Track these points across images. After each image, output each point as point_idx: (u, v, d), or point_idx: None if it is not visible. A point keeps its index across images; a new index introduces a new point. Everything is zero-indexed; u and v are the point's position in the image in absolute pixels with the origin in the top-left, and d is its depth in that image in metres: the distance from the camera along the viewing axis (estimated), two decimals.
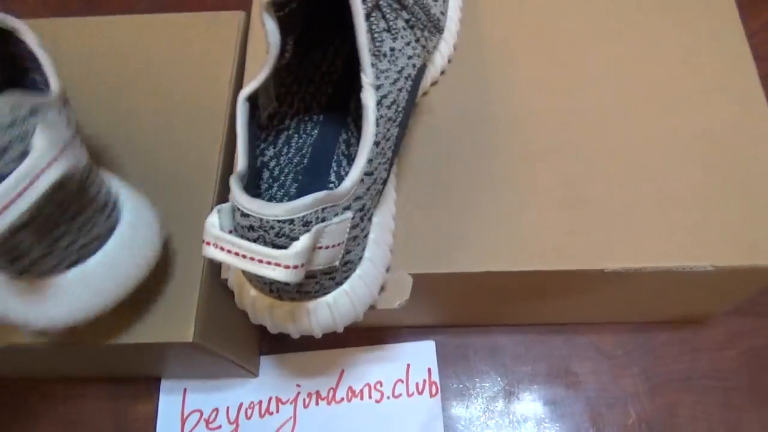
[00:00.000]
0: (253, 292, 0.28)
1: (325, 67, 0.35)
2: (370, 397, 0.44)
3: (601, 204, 0.35)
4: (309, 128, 0.34)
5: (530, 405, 0.43)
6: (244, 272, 0.29)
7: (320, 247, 0.24)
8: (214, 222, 0.23)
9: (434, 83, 0.39)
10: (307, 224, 0.23)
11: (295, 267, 0.22)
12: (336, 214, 0.25)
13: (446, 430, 0.43)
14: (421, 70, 0.32)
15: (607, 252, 0.34)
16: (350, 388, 0.45)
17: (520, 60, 0.40)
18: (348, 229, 0.26)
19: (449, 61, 0.39)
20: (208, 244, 0.22)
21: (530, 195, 0.36)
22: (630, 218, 0.35)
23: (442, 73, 0.39)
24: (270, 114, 0.32)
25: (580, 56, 0.40)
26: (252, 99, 0.28)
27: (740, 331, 0.44)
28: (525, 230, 0.35)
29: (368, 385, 0.45)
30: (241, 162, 0.26)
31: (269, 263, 0.22)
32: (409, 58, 0.29)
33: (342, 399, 0.44)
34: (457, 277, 0.34)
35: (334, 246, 0.25)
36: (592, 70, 0.39)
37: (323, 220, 0.24)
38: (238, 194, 0.23)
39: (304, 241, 0.22)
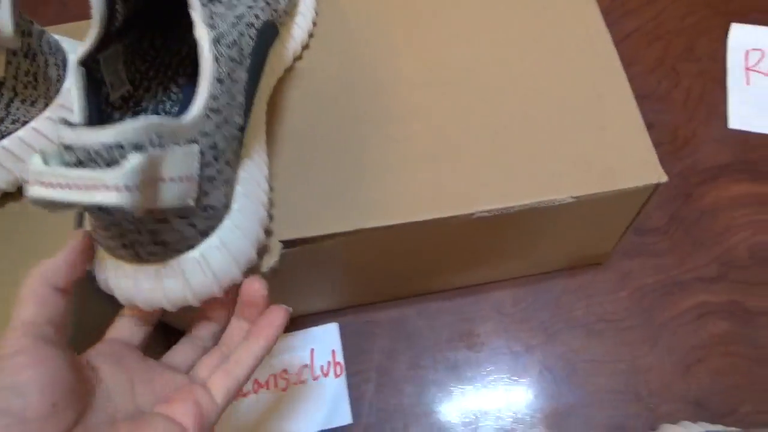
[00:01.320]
0: (113, 263, 0.27)
1: (185, 51, 0.35)
2: (275, 386, 0.43)
3: (467, 155, 0.36)
4: (168, 107, 0.33)
5: (435, 372, 0.43)
6: (100, 242, 0.27)
7: (165, 179, 0.23)
8: (36, 160, 0.21)
9: (306, 47, 0.39)
10: (139, 148, 0.22)
11: (128, 188, 0.20)
12: (178, 144, 0.24)
13: (353, 408, 0.42)
14: (270, 28, 0.31)
15: (475, 197, 0.34)
16: (256, 380, 0.43)
17: (386, 28, 0.40)
18: (198, 165, 0.24)
19: (314, 24, 0.40)
20: (32, 183, 0.21)
21: (399, 152, 0.36)
22: (495, 165, 0.35)
23: (311, 36, 0.39)
24: (124, 96, 0.31)
25: (444, 22, 0.41)
26: (88, 66, 0.27)
27: (629, 272, 0.45)
28: (396, 186, 0.34)
29: (273, 375, 0.43)
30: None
31: (97, 187, 0.20)
32: (250, 8, 0.29)
33: (248, 392, 0.43)
34: (335, 241, 0.34)
35: (182, 179, 0.23)
36: (455, 34, 0.40)
37: (161, 147, 0.23)
38: (61, 128, 0.21)
39: (136, 158, 0.21)
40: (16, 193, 0.35)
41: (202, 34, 0.26)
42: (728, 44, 0.52)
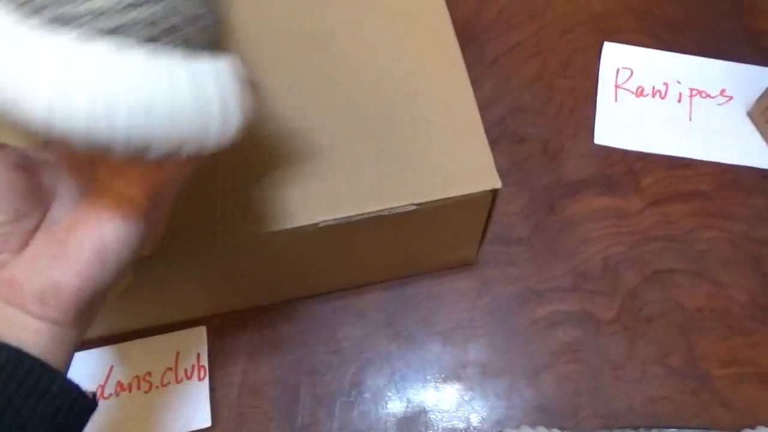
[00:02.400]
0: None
1: None
2: (138, 389, 0.43)
3: (312, 165, 0.36)
4: None
5: (297, 375, 0.43)
6: None
7: None
8: None
9: None
10: None
11: None
12: None
13: (215, 411, 0.42)
14: None
15: (319, 208, 0.35)
16: (119, 383, 0.43)
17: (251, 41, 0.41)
18: None
19: None
20: None
21: (246, 169, 0.36)
22: (339, 175, 0.36)
23: None
24: None
25: (295, 26, 0.41)
26: None
27: (490, 280, 0.46)
28: (244, 200, 0.35)
29: (137, 377, 0.43)
30: None
31: None
32: None
33: (110, 395, 0.43)
34: (189, 256, 0.35)
35: None
36: (301, 37, 0.40)
37: None
38: None
39: None
40: None
41: None
42: (601, 62, 0.54)
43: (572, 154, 0.51)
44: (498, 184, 0.35)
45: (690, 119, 0.51)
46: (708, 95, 0.52)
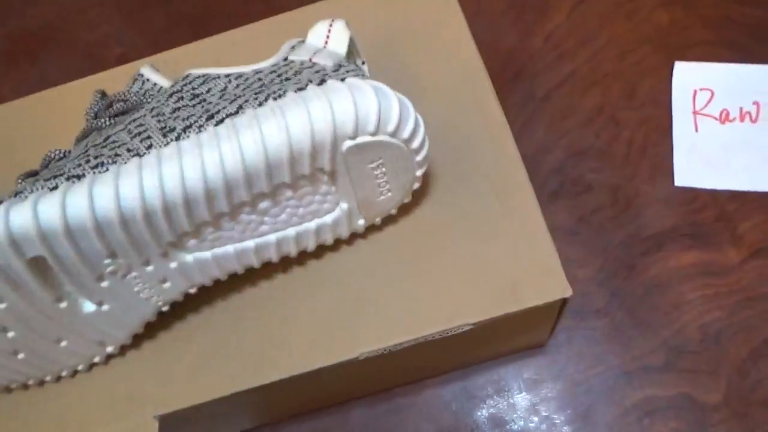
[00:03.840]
0: None
1: None
2: None
3: (350, 292, 0.31)
4: None
5: None
6: None
7: None
8: None
9: None
10: None
11: None
12: None
13: None
14: None
15: (358, 339, 0.30)
16: None
17: None
18: None
19: None
20: None
21: (280, 303, 0.31)
22: (381, 298, 0.30)
23: None
24: None
25: None
26: None
27: (565, 365, 0.39)
28: (280, 339, 0.30)
29: None
30: None
31: None
32: None
33: None
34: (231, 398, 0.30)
35: None
36: None
37: None
38: None
39: None
40: None
41: None
42: (673, 85, 0.45)
43: (650, 201, 0.43)
44: (568, 292, 0.29)
45: None
46: None
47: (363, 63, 0.34)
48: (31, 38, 0.58)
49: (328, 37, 0.31)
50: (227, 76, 0.29)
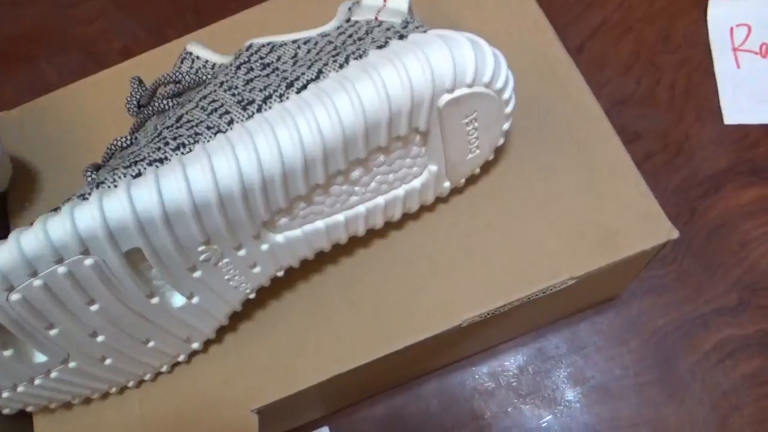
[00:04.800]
0: None
1: None
2: None
3: (440, 259, 0.29)
4: None
5: None
6: None
7: None
8: None
9: None
10: None
11: None
12: None
13: None
14: None
15: (460, 305, 0.28)
16: None
17: None
18: None
19: None
20: None
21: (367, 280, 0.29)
22: (475, 261, 0.29)
23: None
24: None
25: None
26: None
27: (638, 315, 0.39)
28: (372, 315, 0.28)
29: None
30: None
31: None
32: None
33: None
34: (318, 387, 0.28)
35: None
36: None
37: None
38: None
39: None
40: None
41: None
42: (709, 24, 0.44)
43: (701, 143, 0.42)
44: (674, 234, 0.27)
45: None
46: None
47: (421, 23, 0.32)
48: (26, 39, 0.55)
49: None
50: (294, 42, 0.27)
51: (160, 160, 0.22)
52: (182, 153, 0.23)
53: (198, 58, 0.29)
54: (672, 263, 0.39)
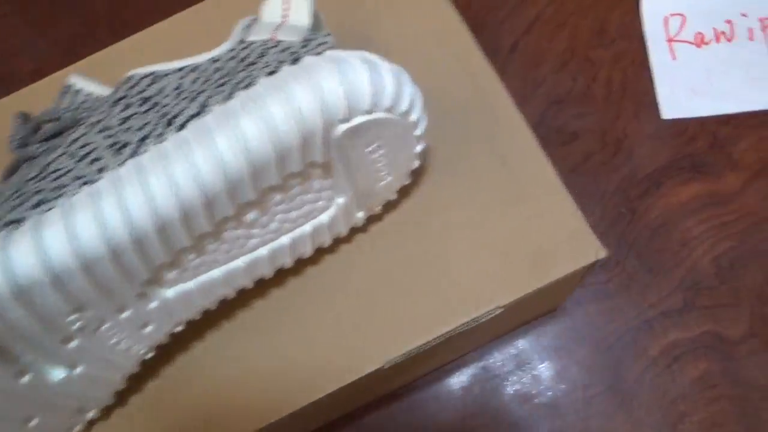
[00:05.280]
0: None
1: None
2: None
3: (359, 295, 0.27)
4: None
5: None
6: None
7: None
8: None
9: None
10: None
11: None
12: None
13: None
14: None
15: (384, 343, 0.26)
16: None
17: None
18: None
19: None
20: None
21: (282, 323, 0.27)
22: (395, 295, 0.26)
23: None
24: None
25: None
26: None
27: (583, 324, 0.37)
28: (287, 365, 0.26)
29: None
30: None
31: None
32: None
33: None
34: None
35: None
36: None
37: None
38: None
39: None
40: None
41: None
42: (642, 15, 0.42)
43: (639, 140, 0.40)
44: (602, 253, 0.25)
45: None
46: None
47: (328, 35, 0.30)
48: None
49: (286, 8, 0.26)
50: (179, 70, 0.24)
51: (17, 222, 0.20)
52: (43, 211, 0.20)
53: (80, 91, 0.26)
54: (615, 267, 0.38)
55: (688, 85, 0.40)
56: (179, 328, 0.24)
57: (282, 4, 0.26)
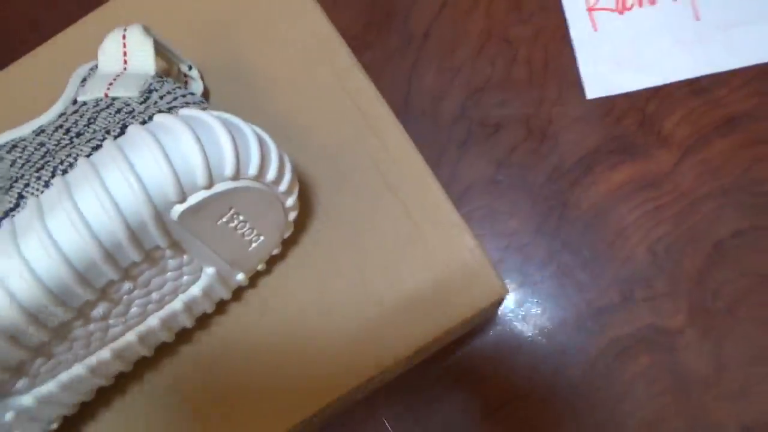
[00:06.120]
0: None
1: None
2: None
3: (255, 367, 0.25)
4: None
5: None
6: None
7: None
8: None
9: None
10: None
11: None
12: None
13: None
14: None
15: (282, 409, 0.24)
16: None
17: None
18: None
19: None
20: None
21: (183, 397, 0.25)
22: (287, 360, 0.24)
23: None
24: None
25: None
26: None
27: (520, 331, 0.35)
28: None
29: None
30: None
31: None
32: None
33: None
34: None
35: None
36: None
37: None
38: None
39: None
40: None
41: None
42: None
43: (565, 124, 0.38)
44: (504, 292, 0.23)
45: (698, 18, 0.37)
46: None
47: (190, 68, 0.27)
48: None
49: (125, 54, 0.23)
50: None
51: None
52: None
53: None
54: (549, 264, 0.36)
55: (612, 57, 0.37)
56: (54, 426, 0.22)
57: (120, 47, 0.23)
